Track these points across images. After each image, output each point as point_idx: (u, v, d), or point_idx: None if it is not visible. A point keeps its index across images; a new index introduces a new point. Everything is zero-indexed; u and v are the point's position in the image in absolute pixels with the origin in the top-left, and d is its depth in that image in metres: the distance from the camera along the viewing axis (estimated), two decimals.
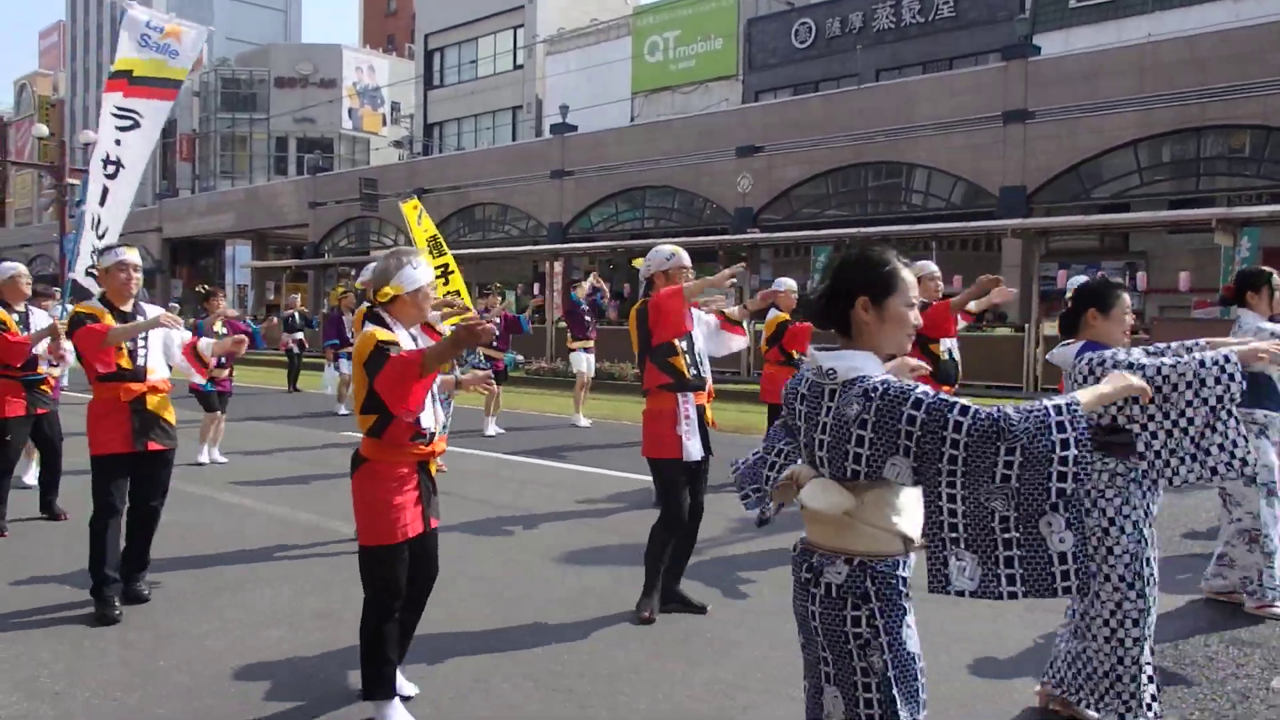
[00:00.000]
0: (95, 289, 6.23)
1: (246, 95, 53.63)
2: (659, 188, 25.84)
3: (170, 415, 5.19)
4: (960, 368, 6.65)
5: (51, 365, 6.97)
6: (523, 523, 7.15)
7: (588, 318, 12.99)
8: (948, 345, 6.44)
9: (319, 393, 16.48)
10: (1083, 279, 7.91)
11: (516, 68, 37.30)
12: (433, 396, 3.61)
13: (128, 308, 5.12)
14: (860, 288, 2.33)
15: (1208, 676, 4.20)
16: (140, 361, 5.07)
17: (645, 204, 26.40)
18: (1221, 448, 3.18)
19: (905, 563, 2.31)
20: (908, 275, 2.35)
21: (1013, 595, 2.18)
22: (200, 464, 9.40)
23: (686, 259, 5.12)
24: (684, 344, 4.97)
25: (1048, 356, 3.85)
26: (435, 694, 3.96)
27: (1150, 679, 3.44)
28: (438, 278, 8.05)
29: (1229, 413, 3.17)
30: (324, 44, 55.44)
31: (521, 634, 4.69)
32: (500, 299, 12.17)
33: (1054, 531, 2.11)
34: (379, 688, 3.64)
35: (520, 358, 13.77)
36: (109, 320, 4.93)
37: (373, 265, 4.31)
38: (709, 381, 5.12)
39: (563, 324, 22.48)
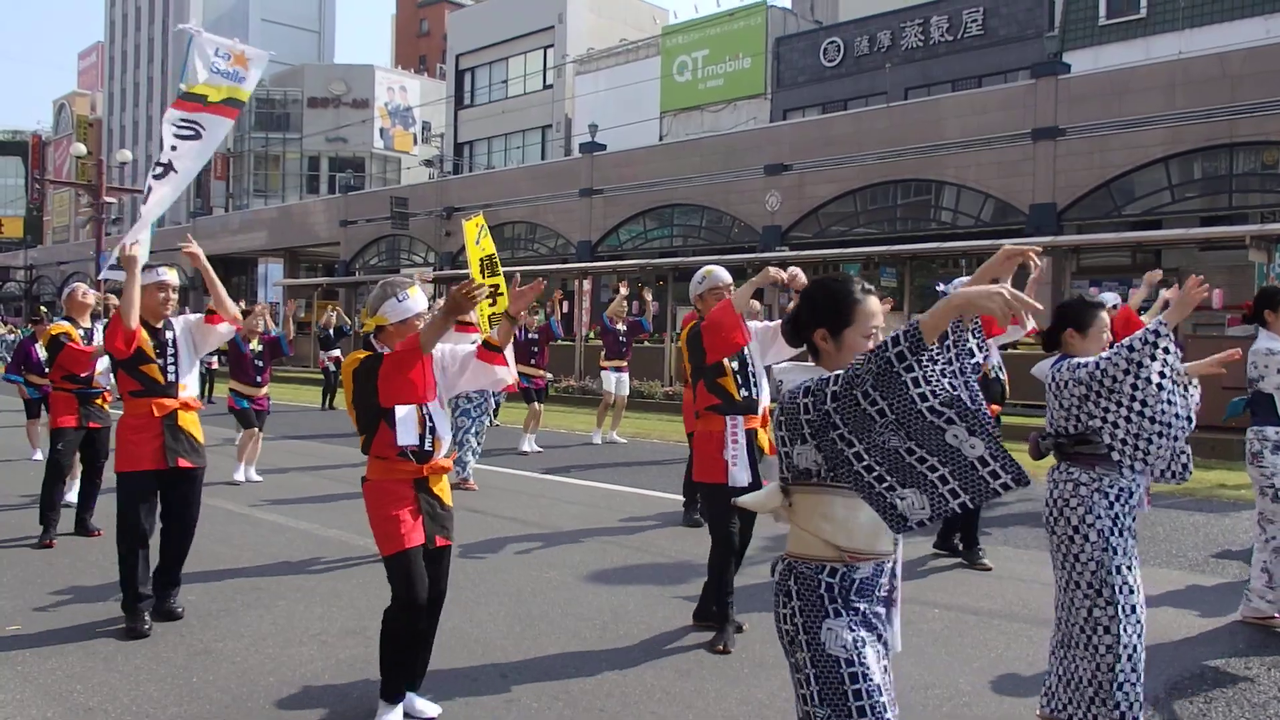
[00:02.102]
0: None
1: (280, 115, 54.37)
2: (687, 206, 25.87)
3: (199, 433, 5.22)
4: (1006, 388, 6.67)
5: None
6: (553, 540, 7.17)
7: (622, 338, 12.86)
8: (995, 363, 6.44)
9: None
10: (1112, 295, 7.87)
11: (546, 87, 37.57)
12: (427, 417, 3.77)
13: (159, 324, 5.18)
14: (819, 319, 2.43)
15: (1249, 699, 4.14)
16: (171, 377, 5.11)
17: (674, 222, 26.44)
18: (1179, 417, 3.38)
19: (841, 570, 2.33)
20: (869, 305, 2.41)
21: (963, 506, 2.18)
22: (236, 482, 9.47)
23: (720, 278, 5.08)
24: (734, 364, 4.84)
25: (1032, 370, 3.94)
26: (466, 713, 3.97)
27: (1138, 694, 3.45)
28: (486, 298, 8.12)
29: (1174, 383, 3.37)
30: (357, 64, 56.18)
31: (553, 652, 4.70)
32: (538, 316, 12.11)
33: (962, 442, 2.12)
34: (385, 687, 3.81)
35: (549, 376, 13.76)
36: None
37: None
38: (763, 404, 4.95)
39: (593, 341, 22.60)
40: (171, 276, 5.22)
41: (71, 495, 8.01)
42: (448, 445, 3.92)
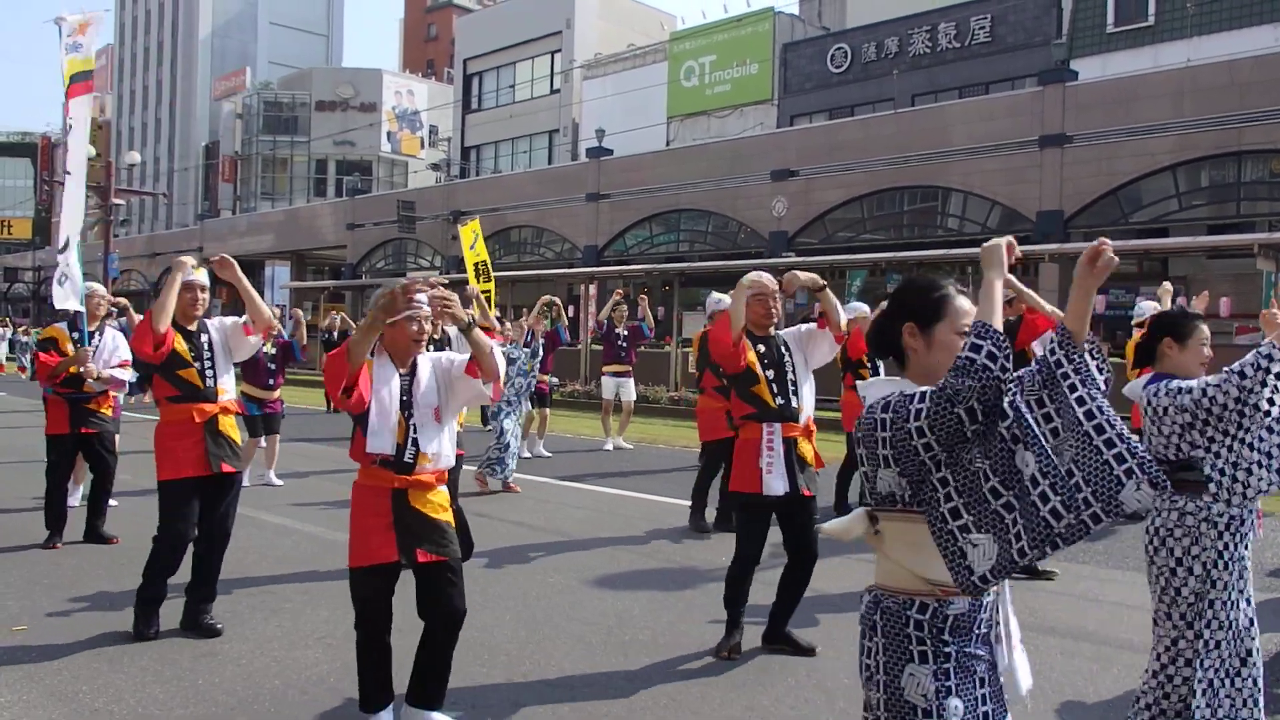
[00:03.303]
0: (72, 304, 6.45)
1: (288, 118, 54.54)
2: (694, 211, 25.90)
3: (239, 437, 5.17)
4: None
5: (125, 386, 7.07)
6: (559, 545, 7.17)
7: (622, 343, 12.78)
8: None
9: None
10: (1152, 304, 7.66)
11: (553, 92, 37.65)
12: (410, 429, 3.61)
13: (193, 327, 5.10)
14: (907, 313, 2.28)
15: None
16: (210, 382, 5.04)
17: (680, 227, 26.47)
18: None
19: (933, 606, 2.11)
20: (961, 302, 2.26)
21: (1021, 553, 1.99)
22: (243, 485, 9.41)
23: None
24: (769, 371, 4.74)
25: (1124, 390, 3.65)
26: (471, 717, 3.97)
27: None
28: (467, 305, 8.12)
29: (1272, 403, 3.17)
30: (365, 68, 56.38)
31: (558, 657, 4.70)
32: (546, 321, 11.99)
33: (1026, 466, 1.98)
34: (362, 700, 3.72)
35: (555, 380, 13.70)
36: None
37: None
38: (806, 413, 4.80)
39: (596, 346, 22.61)
40: (201, 276, 5.14)
41: (74, 500, 7.93)
42: (441, 463, 3.69)
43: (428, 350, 3.95)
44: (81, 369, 6.59)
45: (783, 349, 4.86)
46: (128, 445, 8.26)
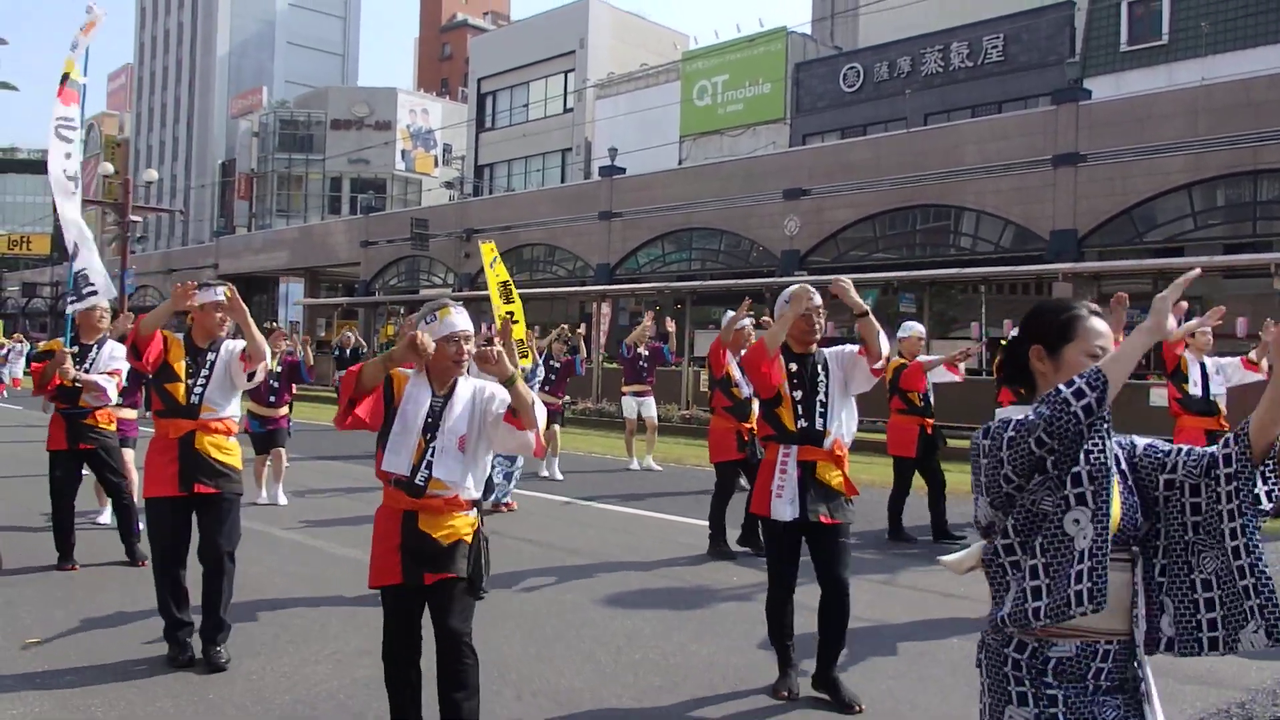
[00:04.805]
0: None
1: (304, 136, 54.96)
2: (706, 230, 25.94)
3: (226, 456, 4.92)
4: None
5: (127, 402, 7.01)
6: (571, 563, 7.15)
7: (643, 363, 12.80)
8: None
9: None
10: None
11: (566, 111, 37.84)
12: (428, 451, 3.50)
13: (204, 344, 4.97)
14: (1034, 335, 2.16)
15: None
16: (194, 399, 4.86)
17: (692, 246, 26.50)
18: None
19: (1032, 646, 1.99)
20: (1094, 323, 2.12)
21: (1035, 613, 1.89)
22: (254, 503, 9.40)
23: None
24: (795, 393, 4.55)
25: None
26: None
27: None
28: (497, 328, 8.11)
29: None
30: (380, 87, 56.83)
31: (568, 675, 4.68)
32: (566, 347, 11.95)
33: (1080, 528, 1.86)
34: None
35: (565, 397, 13.72)
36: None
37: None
38: (834, 437, 4.58)
39: (608, 365, 22.61)
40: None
41: (104, 517, 7.90)
42: (458, 491, 3.53)
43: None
44: (59, 370, 6.44)
45: (819, 369, 4.62)
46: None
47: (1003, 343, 6.84)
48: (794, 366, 4.60)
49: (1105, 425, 1.86)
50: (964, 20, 26.59)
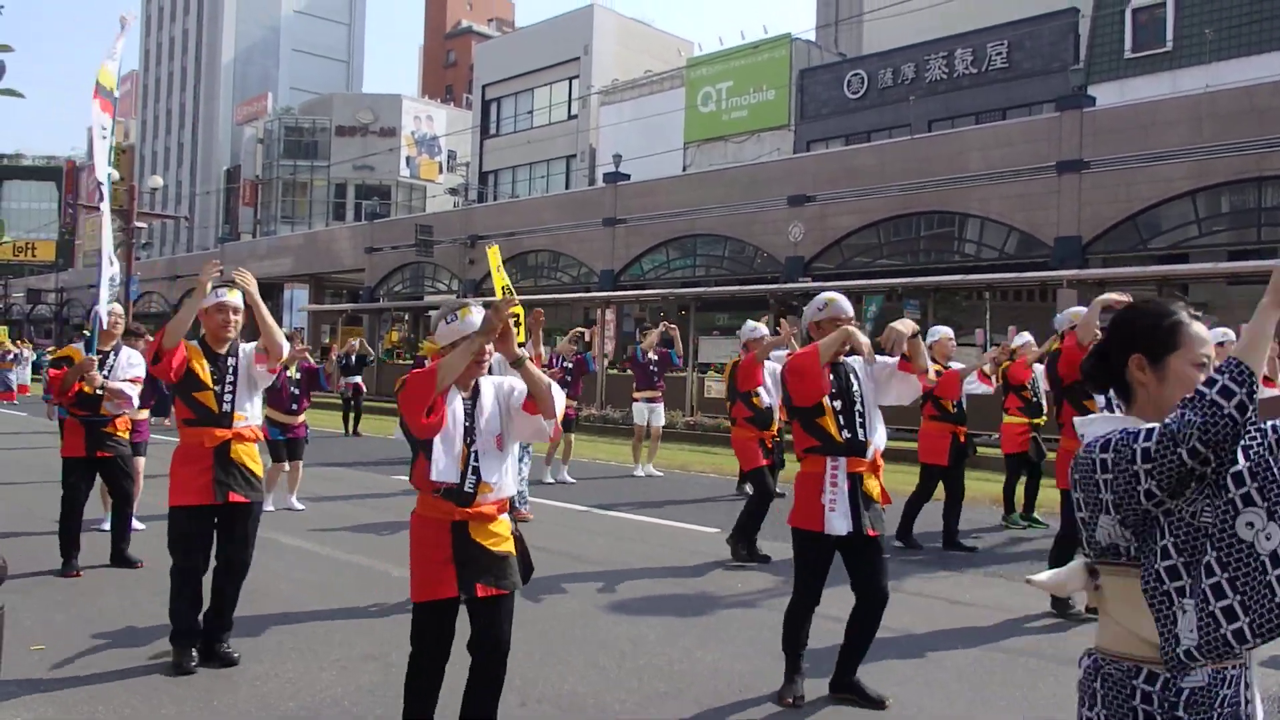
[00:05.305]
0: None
1: (308, 143, 55.10)
2: (710, 236, 25.96)
3: (256, 465, 4.97)
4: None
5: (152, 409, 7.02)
6: (577, 569, 7.15)
7: (653, 369, 12.84)
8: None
9: (382, 438, 16.67)
10: (1221, 332, 7.31)
11: (571, 118, 37.94)
12: (472, 456, 3.43)
13: (222, 350, 4.95)
14: (1134, 344, 2.01)
15: None
16: (226, 407, 4.85)
17: (696, 252, 26.52)
18: None
19: (1164, 678, 1.85)
20: (1197, 329, 1.98)
21: (1238, 635, 1.72)
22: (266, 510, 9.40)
23: (843, 309, 4.71)
24: (836, 403, 4.44)
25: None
26: None
27: None
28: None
29: None
30: (384, 94, 56.96)
31: (571, 680, 4.68)
32: (576, 346, 12.03)
33: (1257, 530, 1.73)
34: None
35: (575, 402, 13.74)
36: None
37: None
38: (874, 447, 4.51)
39: (613, 370, 22.63)
40: (234, 298, 4.98)
41: (107, 524, 7.96)
42: (503, 492, 3.51)
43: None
44: (84, 376, 6.48)
45: (851, 377, 4.53)
46: (156, 469, 8.26)
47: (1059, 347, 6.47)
48: (831, 377, 4.50)
49: (1255, 415, 1.75)
50: (968, 27, 26.64)
